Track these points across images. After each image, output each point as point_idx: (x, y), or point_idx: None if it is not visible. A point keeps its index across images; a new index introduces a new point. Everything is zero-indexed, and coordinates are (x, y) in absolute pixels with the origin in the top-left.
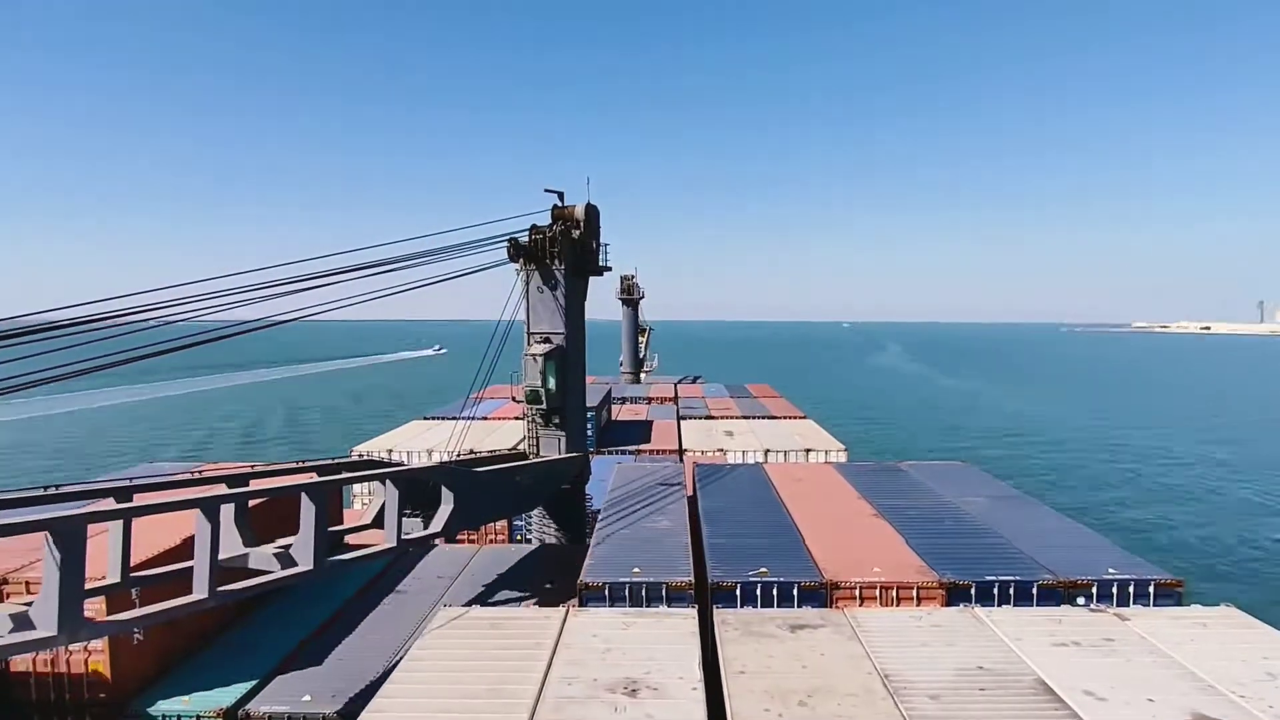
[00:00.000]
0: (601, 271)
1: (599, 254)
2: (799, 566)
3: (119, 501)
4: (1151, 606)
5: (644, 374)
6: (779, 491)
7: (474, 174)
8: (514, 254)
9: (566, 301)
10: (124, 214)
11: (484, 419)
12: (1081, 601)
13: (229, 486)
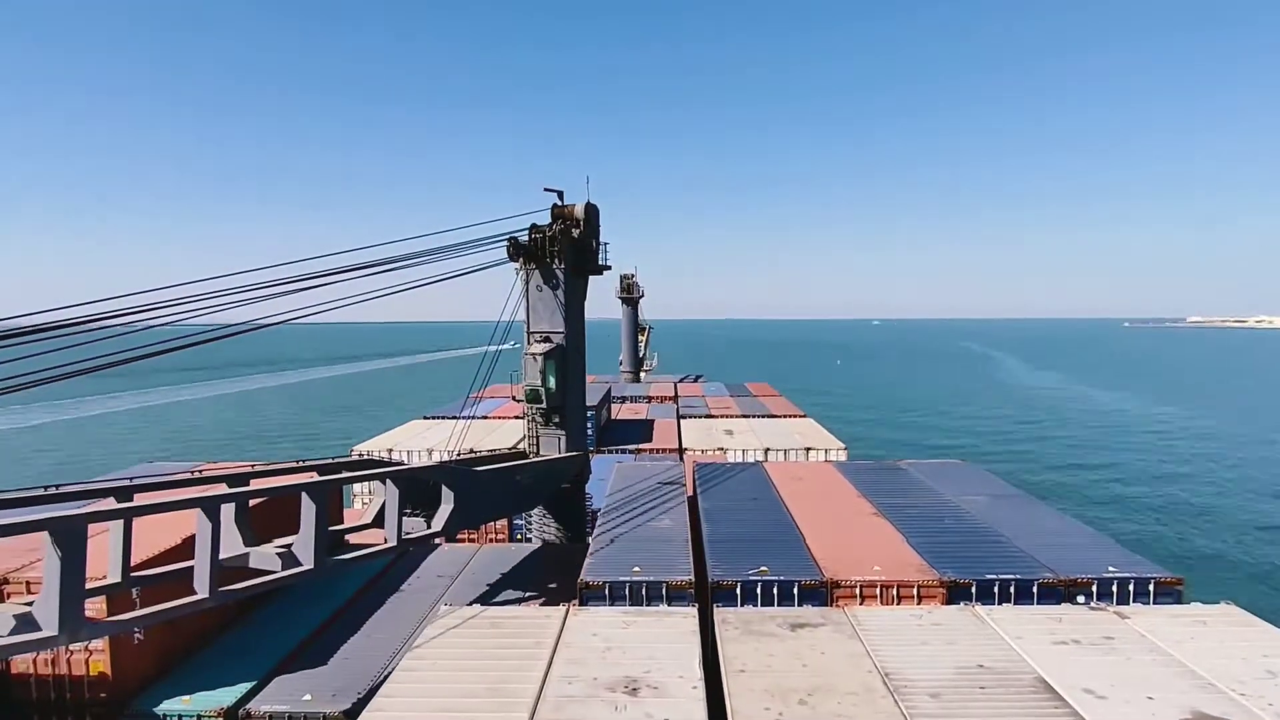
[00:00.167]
0: (601, 270)
1: (599, 253)
2: (799, 565)
3: (119, 501)
4: (1151, 605)
5: (644, 373)
6: (779, 490)
7: (474, 173)
8: (514, 253)
9: (566, 301)
10: (118, 212)
11: (484, 418)
12: (1082, 600)
13: (229, 486)
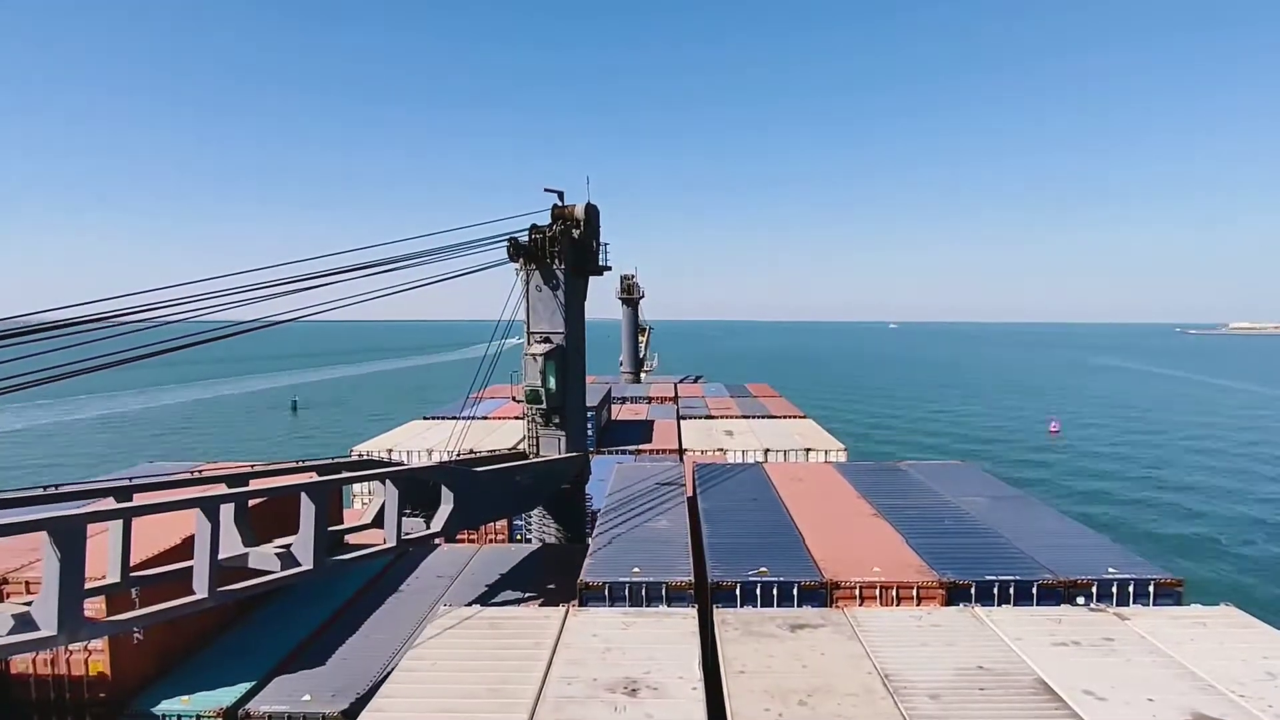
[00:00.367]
0: (601, 271)
1: (599, 253)
2: (799, 566)
3: (119, 501)
4: (1151, 606)
5: (644, 374)
6: (779, 491)
7: (474, 174)
8: (514, 253)
9: (566, 301)
10: (118, 211)
11: (484, 419)
12: (1081, 601)
13: (229, 486)
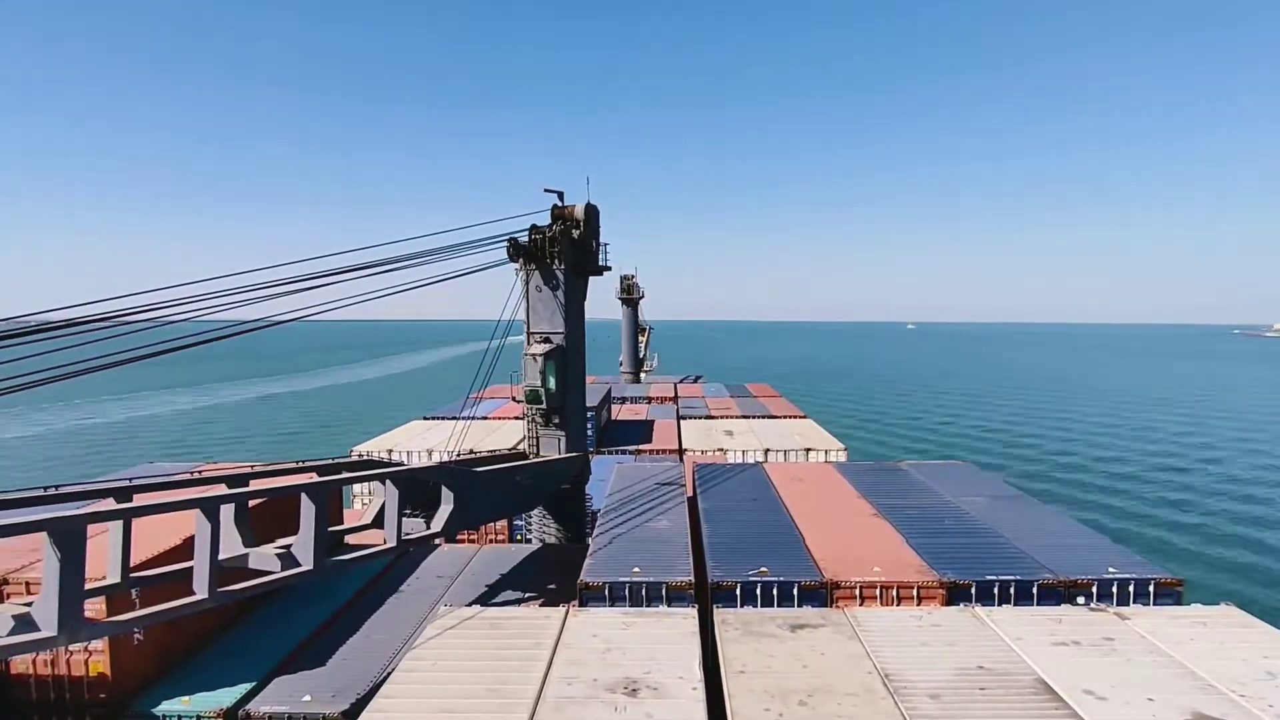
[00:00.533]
0: (601, 271)
1: (599, 254)
2: (799, 566)
3: (119, 502)
4: (1151, 606)
5: (644, 374)
6: (779, 491)
7: (474, 174)
8: (514, 254)
9: (566, 301)
10: (120, 211)
11: (484, 419)
12: (1082, 601)
13: (229, 486)
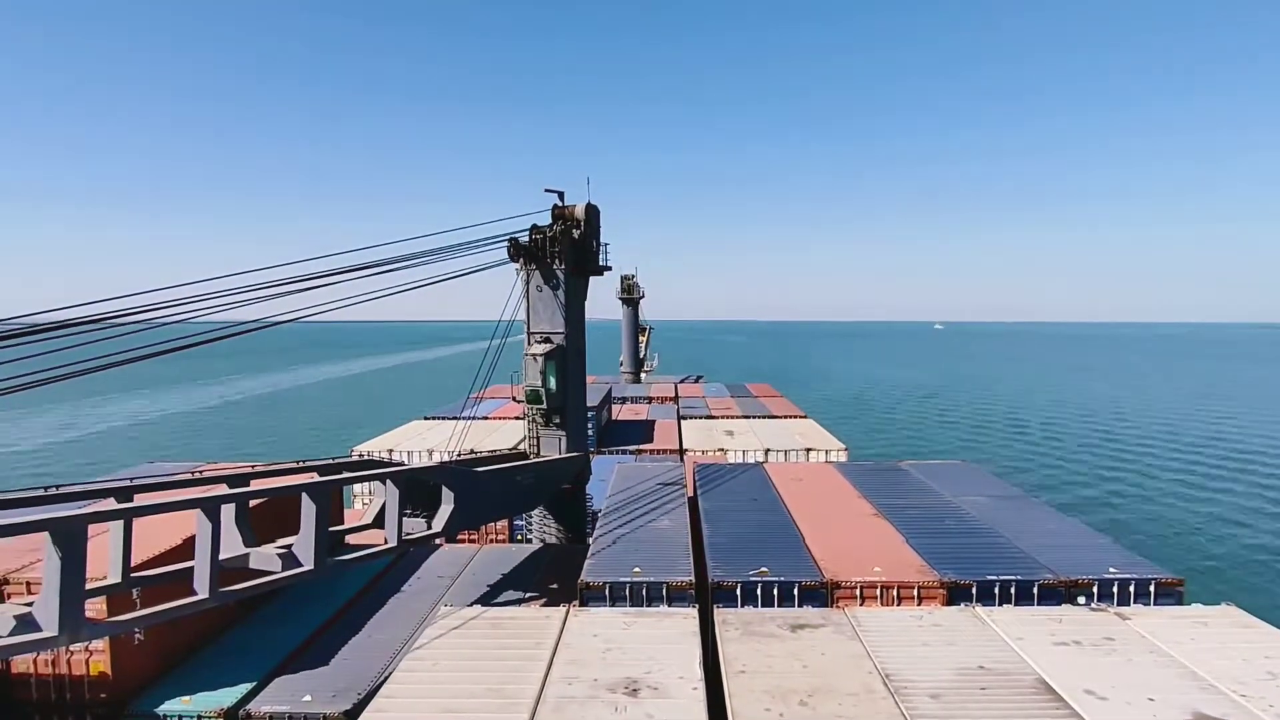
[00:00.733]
0: (602, 271)
1: (599, 254)
2: (800, 566)
3: (119, 501)
4: (1152, 606)
5: (644, 374)
6: (779, 491)
7: (474, 173)
8: (514, 254)
9: (567, 301)
10: (120, 211)
11: (484, 419)
12: (1082, 601)
13: (229, 486)
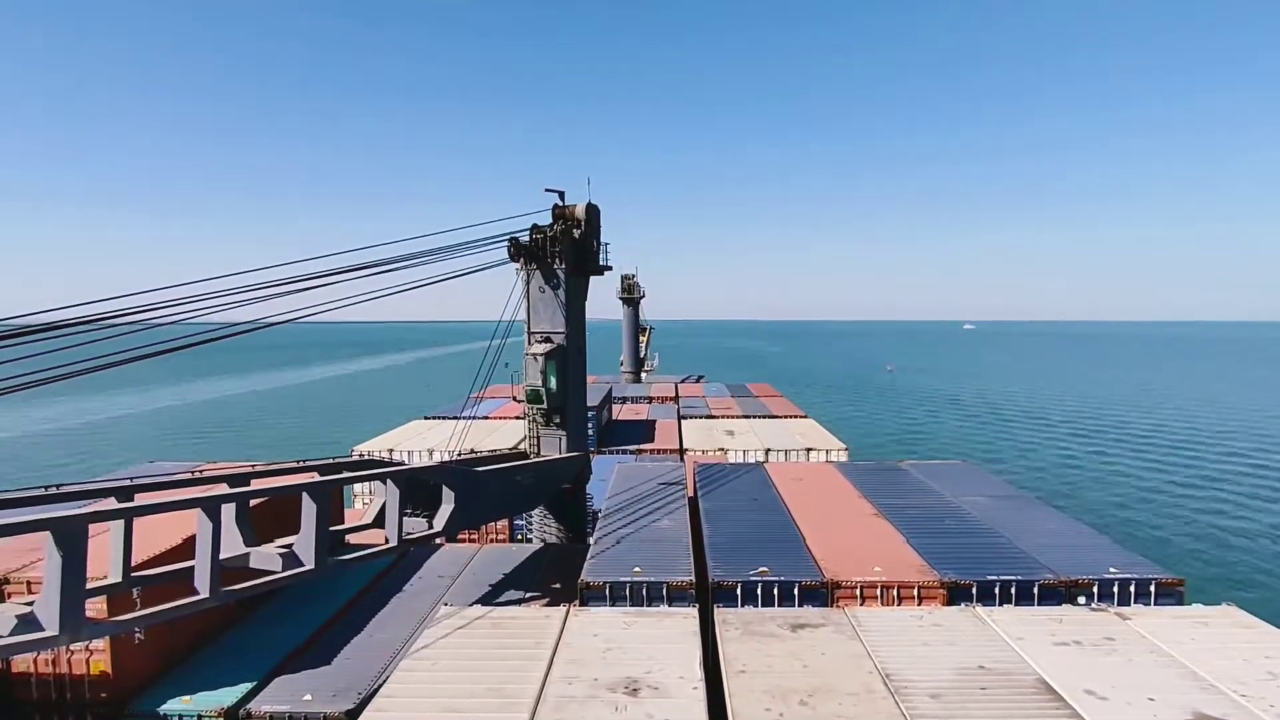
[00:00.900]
0: (602, 271)
1: (600, 253)
2: (800, 566)
3: (120, 501)
4: (1152, 606)
5: (645, 373)
6: (780, 491)
7: (474, 173)
8: (515, 254)
9: (567, 301)
10: (125, 212)
11: (485, 418)
12: (1082, 601)
13: (230, 486)
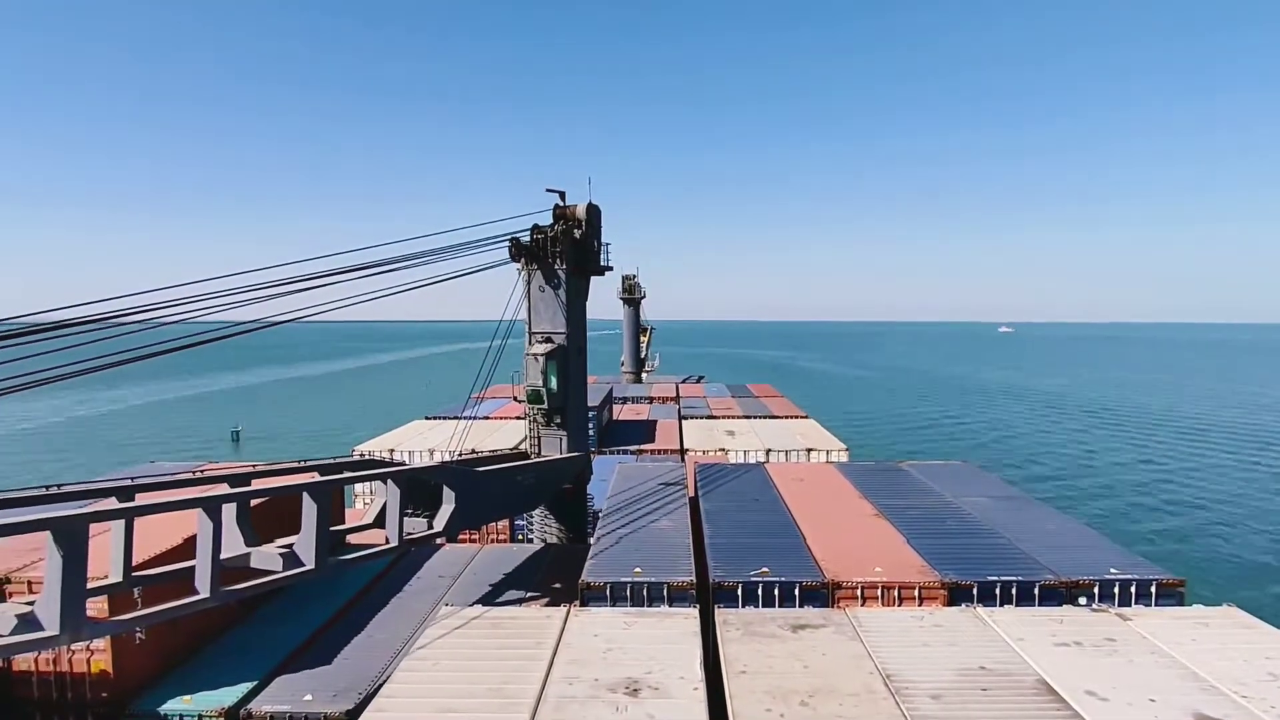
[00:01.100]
0: (603, 271)
1: (600, 253)
2: (800, 566)
3: (121, 501)
4: (1153, 606)
5: (645, 374)
6: (780, 491)
7: (475, 173)
8: (515, 254)
9: (568, 301)
10: (126, 213)
11: (485, 418)
12: (1083, 601)
13: (231, 486)
